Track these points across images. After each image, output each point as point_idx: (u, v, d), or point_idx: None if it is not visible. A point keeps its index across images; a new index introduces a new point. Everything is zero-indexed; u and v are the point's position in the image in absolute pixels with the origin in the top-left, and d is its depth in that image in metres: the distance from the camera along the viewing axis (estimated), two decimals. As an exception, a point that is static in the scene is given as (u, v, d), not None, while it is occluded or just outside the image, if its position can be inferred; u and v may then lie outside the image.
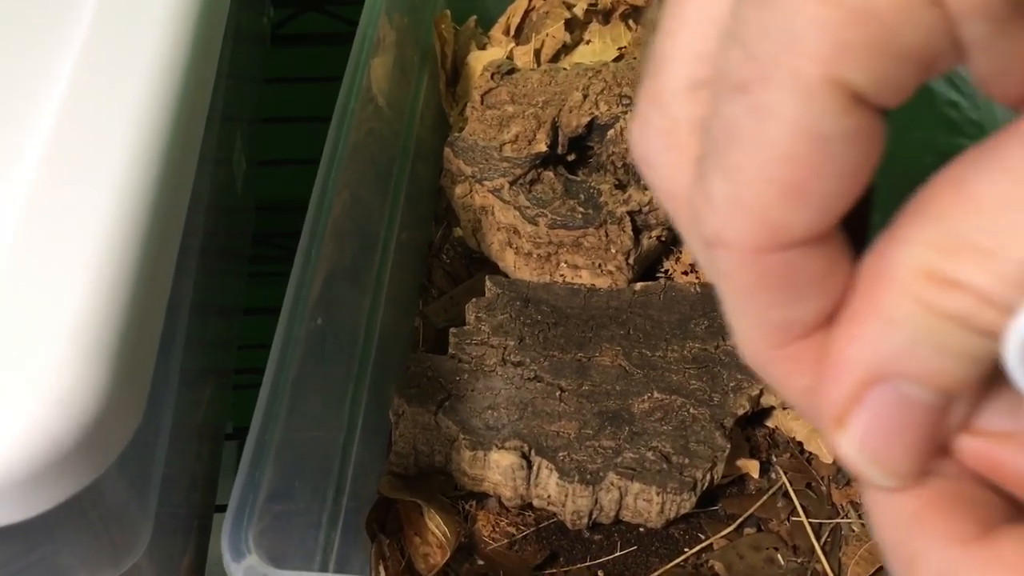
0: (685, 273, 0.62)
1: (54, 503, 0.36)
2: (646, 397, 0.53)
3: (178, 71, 0.47)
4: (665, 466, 0.50)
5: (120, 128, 0.43)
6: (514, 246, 0.62)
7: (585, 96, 0.62)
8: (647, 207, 0.59)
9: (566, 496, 0.51)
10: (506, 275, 0.62)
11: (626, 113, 0.60)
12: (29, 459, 0.34)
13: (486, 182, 0.62)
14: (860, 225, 0.20)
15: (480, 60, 0.72)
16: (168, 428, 0.45)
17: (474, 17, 0.74)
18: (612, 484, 0.50)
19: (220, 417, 0.62)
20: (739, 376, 0.54)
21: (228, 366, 0.65)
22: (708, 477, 0.51)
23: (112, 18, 0.48)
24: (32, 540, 0.40)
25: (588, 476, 0.50)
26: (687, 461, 0.51)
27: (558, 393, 0.53)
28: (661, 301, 0.57)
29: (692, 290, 0.58)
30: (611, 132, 0.61)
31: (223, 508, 0.42)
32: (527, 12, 0.75)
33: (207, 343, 0.57)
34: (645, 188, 0.60)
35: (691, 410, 0.52)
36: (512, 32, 0.75)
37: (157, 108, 0.45)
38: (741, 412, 0.53)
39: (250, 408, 0.43)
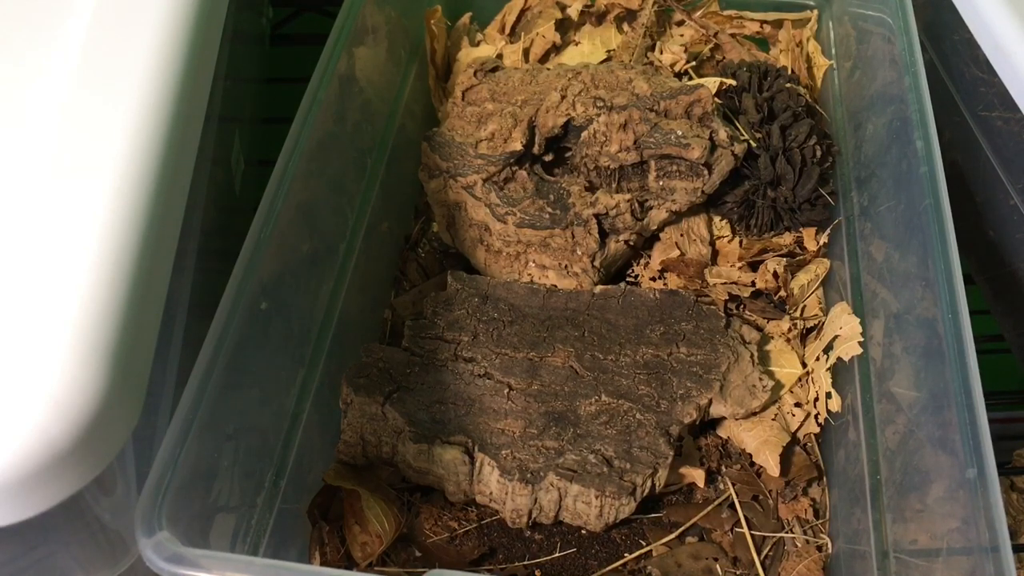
0: (653, 279, 0.62)
1: (51, 504, 0.36)
2: (593, 400, 0.53)
3: (177, 71, 0.47)
4: (606, 470, 0.50)
5: (118, 128, 0.44)
6: (485, 243, 0.62)
7: (563, 97, 0.62)
8: (615, 211, 0.59)
9: (506, 494, 0.51)
10: (478, 272, 0.62)
11: (600, 115, 0.60)
12: (26, 460, 0.35)
13: (460, 178, 0.62)
14: None
15: (471, 57, 0.72)
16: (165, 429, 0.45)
17: (469, 14, 0.74)
18: (552, 484, 0.50)
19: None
20: (689, 384, 0.54)
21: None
22: (649, 483, 0.51)
23: (111, 18, 0.48)
24: (30, 541, 0.40)
25: (528, 475, 0.50)
26: (628, 466, 0.50)
27: (506, 391, 0.53)
28: (619, 305, 0.57)
29: (651, 296, 0.57)
30: (585, 134, 0.61)
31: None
32: (522, 11, 0.74)
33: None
34: (615, 192, 0.60)
35: (637, 415, 0.52)
36: (507, 31, 0.75)
37: (155, 108, 0.45)
38: (688, 420, 0.53)
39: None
